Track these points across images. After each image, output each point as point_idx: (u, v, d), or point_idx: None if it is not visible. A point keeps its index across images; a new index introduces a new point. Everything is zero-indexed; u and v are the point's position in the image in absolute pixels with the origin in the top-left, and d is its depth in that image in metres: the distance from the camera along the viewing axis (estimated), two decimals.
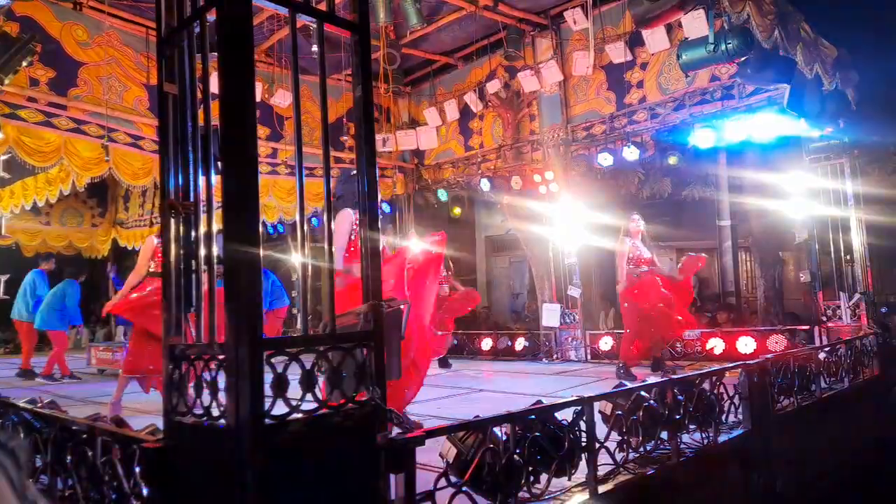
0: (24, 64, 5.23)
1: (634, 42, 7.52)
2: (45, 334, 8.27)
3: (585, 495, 2.56)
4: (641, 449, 2.95)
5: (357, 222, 3.65)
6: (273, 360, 1.73)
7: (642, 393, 3.01)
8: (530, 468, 2.38)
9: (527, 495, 2.36)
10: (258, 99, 7.78)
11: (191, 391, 1.88)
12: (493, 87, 8.66)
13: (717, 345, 7.33)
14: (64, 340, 8.27)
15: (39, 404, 2.99)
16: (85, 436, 2.35)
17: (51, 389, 6.78)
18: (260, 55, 8.19)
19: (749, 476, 3.63)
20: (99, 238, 12.68)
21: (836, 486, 4.55)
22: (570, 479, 2.58)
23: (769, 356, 4.20)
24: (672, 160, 7.59)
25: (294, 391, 1.78)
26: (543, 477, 2.44)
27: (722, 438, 3.45)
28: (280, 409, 1.72)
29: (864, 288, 6.65)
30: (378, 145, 9.08)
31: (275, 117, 8.61)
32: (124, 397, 5.11)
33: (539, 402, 2.60)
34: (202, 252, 1.98)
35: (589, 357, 8.24)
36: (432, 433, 2.13)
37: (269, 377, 1.71)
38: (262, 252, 1.75)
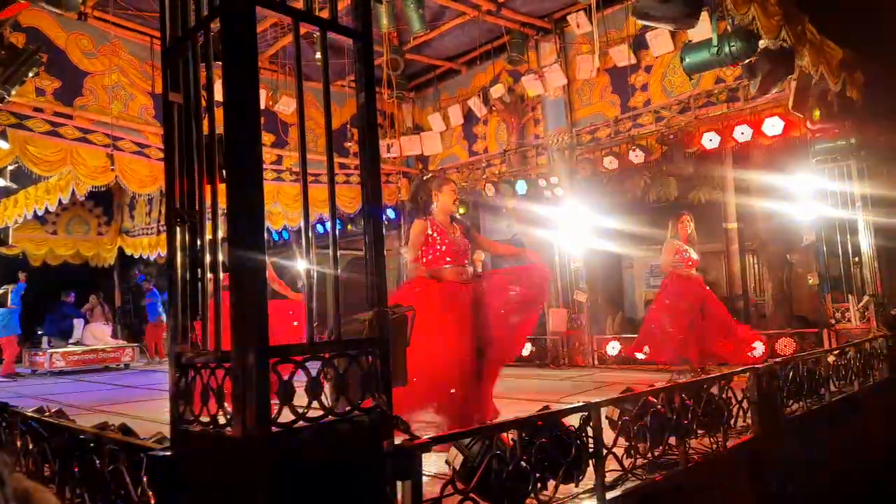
0: (31, 75, 5.26)
1: (638, 45, 7.52)
2: None
3: (594, 501, 2.55)
4: (649, 454, 2.93)
5: (430, 229, 3.87)
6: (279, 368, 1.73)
7: (649, 398, 3.00)
8: (537, 474, 2.36)
9: (534, 502, 2.35)
10: (262, 106, 7.81)
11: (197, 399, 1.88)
12: (496, 91, 8.66)
13: None
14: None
15: (47, 413, 3.00)
16: (92, 445, 2.36)
17: (58, 399, 6.81)
18: (263, 62, 8.22)
19: (758, 481, 3.60)
20: (105, 246, 12.73)
21: (847, 491, 4.51)
22: (577, 486, 2.56)
23: (778, 360, 4.17)
24: (677, 163, 7.56)
25: (300, 398, 1.78)
26: (551, 483, 2.43)
27: (731, 443, 3.42)
28: (286, 416, 1.72)
29: (873, 290, 6.60)
30: (382, 151, 9.11)
31: (279, 124, 8.64)
32: (132, 405, 5.12)
33: (546, 407, 2.59)
34: (208, 259, 1.99)
35: (596, 362, 8.20)
36: (439, 440, 2.12)
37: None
38: (267, 259, 1.75)
